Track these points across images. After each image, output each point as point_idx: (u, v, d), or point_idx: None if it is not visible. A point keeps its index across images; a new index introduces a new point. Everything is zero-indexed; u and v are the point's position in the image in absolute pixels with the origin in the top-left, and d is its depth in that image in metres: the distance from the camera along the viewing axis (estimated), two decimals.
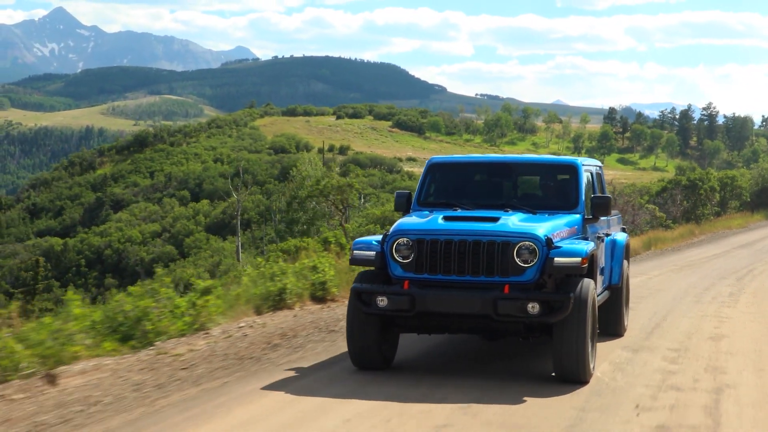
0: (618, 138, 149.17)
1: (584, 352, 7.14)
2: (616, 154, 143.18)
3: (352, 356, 7.80)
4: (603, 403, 6.68)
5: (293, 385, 7.20)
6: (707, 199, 36.82)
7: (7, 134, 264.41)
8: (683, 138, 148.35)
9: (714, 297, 13.60)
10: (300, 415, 6.30)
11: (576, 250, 7.33)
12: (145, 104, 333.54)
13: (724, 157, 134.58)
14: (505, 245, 7.21)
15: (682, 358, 8.52)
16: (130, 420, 6.10)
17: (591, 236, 8.55)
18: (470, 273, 7.25)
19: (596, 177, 9.56)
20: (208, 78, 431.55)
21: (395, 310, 7.35)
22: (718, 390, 7.17)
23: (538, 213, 8.11)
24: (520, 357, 8.59)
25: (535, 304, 7.01)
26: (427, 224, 7.60)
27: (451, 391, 7.00)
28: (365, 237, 8.16)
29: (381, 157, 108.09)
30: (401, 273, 7.45)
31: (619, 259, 9.83)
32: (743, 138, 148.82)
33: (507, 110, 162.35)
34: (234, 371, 7.72)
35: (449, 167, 9.25)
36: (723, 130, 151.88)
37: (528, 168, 9.40)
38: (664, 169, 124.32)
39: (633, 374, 7.73)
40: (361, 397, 6.79)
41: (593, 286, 7.45)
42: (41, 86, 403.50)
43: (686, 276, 16.83)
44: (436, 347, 9.02)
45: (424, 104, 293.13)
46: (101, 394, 6.73)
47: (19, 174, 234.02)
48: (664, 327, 10.56)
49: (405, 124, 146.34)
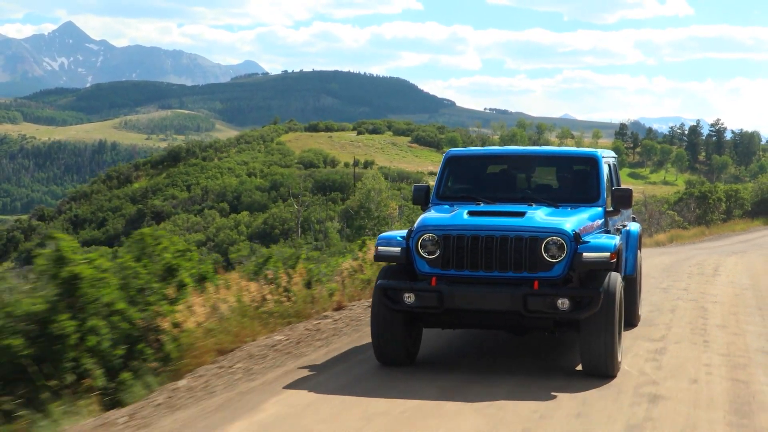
0: (629, 153, 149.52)
1: (612, 347, 7.08)
2: (627, 168, 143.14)
3: (376, 352, 7.74)
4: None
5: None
6: (715, 207, 43.57)
7: (21, 148, 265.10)
8: (692, 153, 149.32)
9: (718, 257, 21.78)
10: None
11: (604, 245, 7.28)
12: (156, 118, 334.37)
13: (732, 171, 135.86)
14: (533, 240, 7.15)
15: (701, 266, 18.46)
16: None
17: (612, 229, 8.48)
18: (497, 269, 7.18)
19: (614, 169, 9.49)
20: (218, 92, 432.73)
21: (423, 307, 7.29)
22: (716, 269, 17.08)
23: (561, 206, 8.02)
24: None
25: (565, 300, 6.94)
26: (453, 219, 7.52)
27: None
28: (389, 232, 8.08)
29: (406, 171, 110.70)
30: (427, 269, 7.38)
31: (633, 249, 9.76)
32: (750, 153, 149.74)
33: (522, 126, 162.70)
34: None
35: (467, 160, 9.13)
36: (731, 145, 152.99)
37: (547, 160, 9.30)
38: (673, 183, 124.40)
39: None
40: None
41: (620, 280, 7.40)
42: (52, 100, 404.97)
43: (702, 252, 24.42)
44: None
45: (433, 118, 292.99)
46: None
47: (34, 187, 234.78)
48: (692, 262, 19.66)
49: (423, 140, 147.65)
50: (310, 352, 8.36)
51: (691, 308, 11.65)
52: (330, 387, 6.93)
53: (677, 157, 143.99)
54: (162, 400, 6.60)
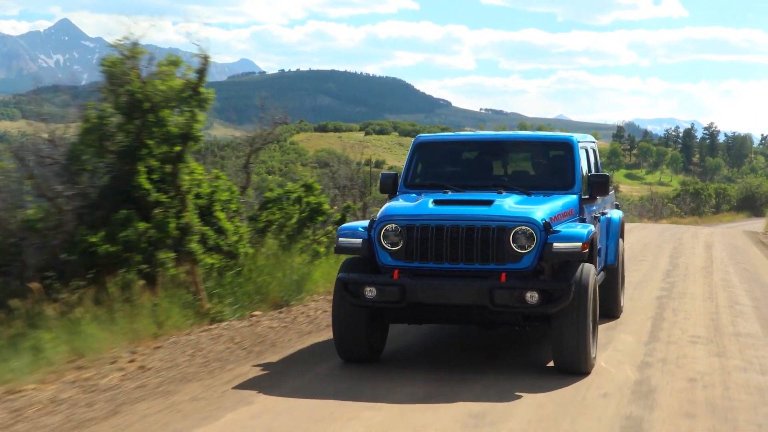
0: (626, 154, 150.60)
1: (585, 343, 6.66)
2: (624, 169, 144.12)
3: (338, 349, 7.31)
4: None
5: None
6: (706, 201, 56.41)
7: (22, 144, 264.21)
8: (686, 155, 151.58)
9: (709, 232, 27.93)
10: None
11: (576, 234, 6.86)
12: None
13: (725, 173, 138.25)
14: (501, 230, 6.73)
15: (684, 234, 25.50)
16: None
17: (588, 217, 8.06)
18: (464, 260, 6.77)
19: (592, 154, 9.05)
20: (216, 91, 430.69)
21: (385, 301, 6.86)
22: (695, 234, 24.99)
23: (533, 194, 7.60)
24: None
25: (534, 294, 6.53)
26: (417, 209, 7.10)
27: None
28: (352, 223, 7.65)
29: None
30: (390, 261, 6.96)
31: (614, 238, 9.34)
32: (742, 156, 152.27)
33: (523, 128, 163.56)
34: None
35: (437, 146, 8.71)
36: (724, 147, 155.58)
37: (520, 146, 8.85)
38: (668, 184, 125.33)
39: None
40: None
41: (594, 271, 6.98)
42: (50, 97, 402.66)
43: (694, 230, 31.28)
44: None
45: (429, 118, 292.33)
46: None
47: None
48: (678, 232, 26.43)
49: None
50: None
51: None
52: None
53: (672, 158, 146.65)
54: None
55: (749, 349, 7.93)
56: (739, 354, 7.73)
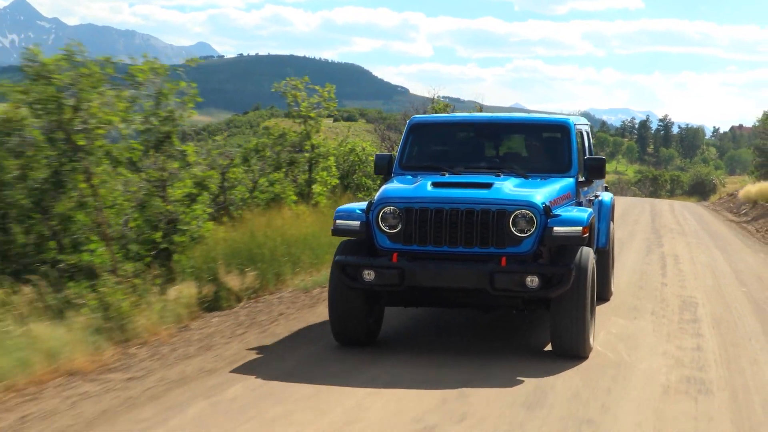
0: None
1: (584, 327, 6.69)
2: None
3: (334, 332, 7.28)
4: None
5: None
6: (663, 187, 69.61)
7: None
8: (641, 146, 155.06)
9: (670, 202, 37.12)
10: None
11: (576, 218, 6.88)
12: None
13: (678, 163, 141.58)
14: (501, 214, 6.73)
15: (653, 202, 36.83)
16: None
17: (584, 200, 8.08)
18: (463, 244, 6.74)
19: (587, 137, 9.07)
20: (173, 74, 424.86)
21: (383, 284, 6.81)
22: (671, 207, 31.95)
23: (531, 177, 7.57)
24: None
25: (534, 278, 6.52)
26: (415, 191, 7.05)
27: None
28: (348, 205, 7.57)
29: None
30: (388, 244, 6.92)
31: (606, 220, 9.34)
32: (695, 147, 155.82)
33: None
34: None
35: (432, 127, 8.65)
36: (677, 139, 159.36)
37: (517, 128, 8.75)
38: (624, 173, 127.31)
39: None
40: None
41: (593, 255, 7.02)
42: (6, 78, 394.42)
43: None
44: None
45: (387, 105, 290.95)
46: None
47: None
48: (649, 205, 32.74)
49: (395, 128, 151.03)
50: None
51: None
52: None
53: (628, 149, 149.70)
54: None
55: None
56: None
